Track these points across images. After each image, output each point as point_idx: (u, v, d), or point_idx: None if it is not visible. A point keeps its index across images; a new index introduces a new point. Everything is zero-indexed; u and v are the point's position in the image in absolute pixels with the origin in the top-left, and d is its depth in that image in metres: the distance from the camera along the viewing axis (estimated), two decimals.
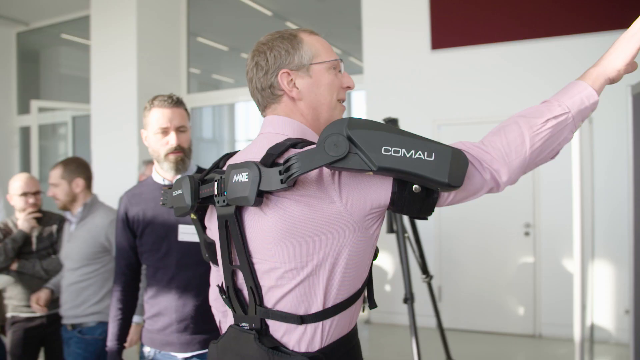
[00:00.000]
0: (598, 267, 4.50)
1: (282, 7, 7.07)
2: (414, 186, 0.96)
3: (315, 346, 1.06)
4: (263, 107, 1.18)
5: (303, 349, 1.06)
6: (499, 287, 5.11)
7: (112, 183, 6.18)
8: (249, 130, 9.69)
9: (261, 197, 0.99)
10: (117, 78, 6.49)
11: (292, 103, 1.14)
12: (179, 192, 1.20)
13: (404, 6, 5.35)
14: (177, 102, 1.87)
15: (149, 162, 4.47)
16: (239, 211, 1.07)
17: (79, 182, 2.71)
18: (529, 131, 1.01)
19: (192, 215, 1.28)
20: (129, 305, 2.00)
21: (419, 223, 3.57)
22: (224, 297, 1.18)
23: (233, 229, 1.08)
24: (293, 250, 1.02)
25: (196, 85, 7.76)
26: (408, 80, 5.21)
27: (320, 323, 1.06)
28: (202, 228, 1.29)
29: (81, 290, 2.62)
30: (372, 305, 1.16)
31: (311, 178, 0.99)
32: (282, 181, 0.95)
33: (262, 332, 1.09)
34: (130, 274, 1.99)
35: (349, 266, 1.04)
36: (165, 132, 1.85)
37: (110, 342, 1.95)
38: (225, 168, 1.17)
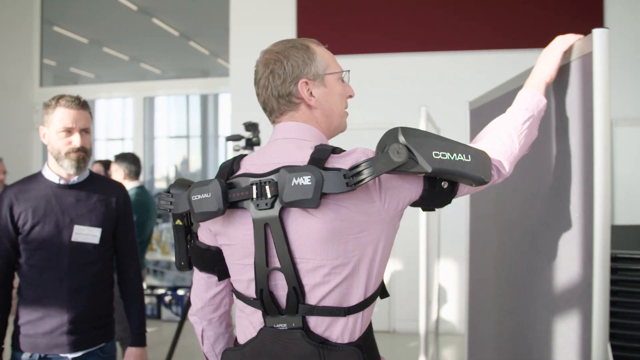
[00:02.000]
0: (444, 266, 4.91)
1: (148, 2, 6.81)
2: (443, 182, 1.12)
3: (356, 336, 1.16)
4: (279, 114, 1.23)
5: (346, 340, 1.15)
6: None
7: None
8: (110, 128, 9.18)
9: (320, 199, 1.05)
10: None
11: (309, 111, 1.22)
12: (205, 196, 1.15)
13: (273, 9, 5.42)
14: (83, 104, 1.91)
15: None
16: (280, 214, 1.11)
17: None
18: (515, 132, 1.25)
19: (178, 222, 1.30)
20: (6, 305, 1.92)
21: None
22: (252, 299, 1.19)
23: (276, 231, 1.11)
24: (339, 248, 1.10)
25: (51, 78, 7.19)
26: None
27: (361, 313, 1.16)
28: (185, 235, 1.31)
29: None
30: (385, 294, 1.27)
31: None
32: (347, 184, 1.04)
33: (305, 330, 1.13)
34: (8, 272, 1.91)
35: (382, 258, 1.17)
36: (69, 132, 1.87)
37: None
38: (242, 171, 1.19)
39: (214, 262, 1.28)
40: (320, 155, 1.11)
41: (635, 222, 2.32)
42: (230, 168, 1.21)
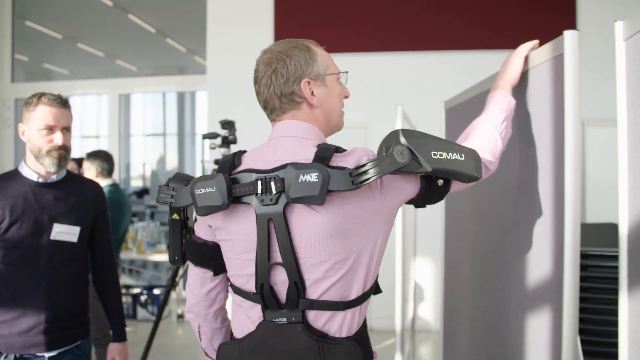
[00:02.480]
0: (420, 264, 4.95)
1: None
2: (438, 180, 1.17)
3: (353, 330, 1.20)
4: (280, 112, 1.26)
5: (344, 334, 1.18)
6: None
7: None
8: (84, 125, 9.03)
9: (325, 196, 1.08)
10: None
11: (310, 110, 1.25)
12: (209, 190, 1.16)
13: (250, 8, 5.40)
14: (65, 103, 1.92)
15: None
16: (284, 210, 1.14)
17: None
18: (496, 131, 1.34)
19: (175, 216, 1.32)
20: None
21: None
22: (252, 294, 1.20)
23: (279, 227, 1.13)
24: (341, 244, 1.14)
25: (23, 74, 7.06)
26: (251, 82, 5.23)
27: (359, 307, 1.20)
28: (181, 230, 1.33)
29: None
30: (378, 290, 1.29)
31: None
32: (353, 182, 1.07)
33: (304, 324, 1.16)
34: None
35: (379, 253, 1.21)
36: (51, 130, 1.87)
37: None
38: (244, 167, 1.21)
39: (210, 257, 1.29)
40: (325, 154, 1.14)
41: (605, 220, 2.37)
42: (231, 163, 1.23)
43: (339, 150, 1.18)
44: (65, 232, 1.90)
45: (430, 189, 1.19)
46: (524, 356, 1.47)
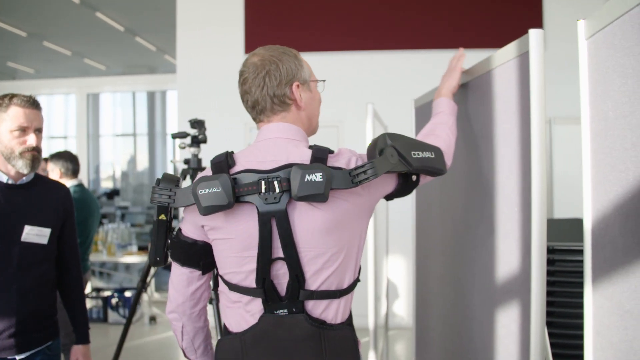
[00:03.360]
0: (394, 261, 4.99)
1: None
2: (413, 176, 1.31)
3: (346, 316, 1.30)
4: (271, 113, 1.32)
5: (339, 321, 1.28)
6: None
7: None
8: (52, 125, 8.85)
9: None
10: None
11: (297, 112, 1.33)
12: (214, 190, 1.19)
13: (220, 6, 5.35)
14: (37, 104, 1.93)
15: None
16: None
17: None
18: (450, 131, 1.50)
19: (162, 216, 1.34)
20: None
21: None
22: (252, 289, 1.25)
23: (282, 223, 1.20)
24: (338, 236, 1.23)
25: None
26: (221, 82, 5.20)
27: (350, 294, 1.31)
28: (166, 230, 1.35)
29: None
30: (358, 279, 1.36)
31: None
32: (352, 181, 1.18)
33: (305, 313, 1.24)
34: None
35: (364, 242, 1.32)
36: (24, 131, 1.86)
37: None
38: (241, 168, 1.25)
39: (200, 256, 1.33)
40: (321, 155, 1.23)
41: (573, 216, 2.42)
42: (226, 164, 1.26)
43: (330, 151, 1.26)
44: (36, 234, 1.88)
45: (406, 184, 1.32)
46: (494, 350, 1.50)
